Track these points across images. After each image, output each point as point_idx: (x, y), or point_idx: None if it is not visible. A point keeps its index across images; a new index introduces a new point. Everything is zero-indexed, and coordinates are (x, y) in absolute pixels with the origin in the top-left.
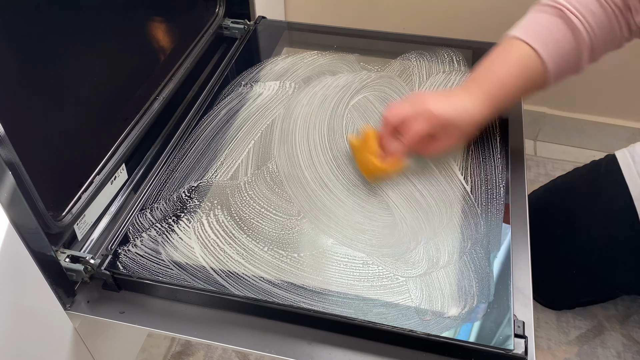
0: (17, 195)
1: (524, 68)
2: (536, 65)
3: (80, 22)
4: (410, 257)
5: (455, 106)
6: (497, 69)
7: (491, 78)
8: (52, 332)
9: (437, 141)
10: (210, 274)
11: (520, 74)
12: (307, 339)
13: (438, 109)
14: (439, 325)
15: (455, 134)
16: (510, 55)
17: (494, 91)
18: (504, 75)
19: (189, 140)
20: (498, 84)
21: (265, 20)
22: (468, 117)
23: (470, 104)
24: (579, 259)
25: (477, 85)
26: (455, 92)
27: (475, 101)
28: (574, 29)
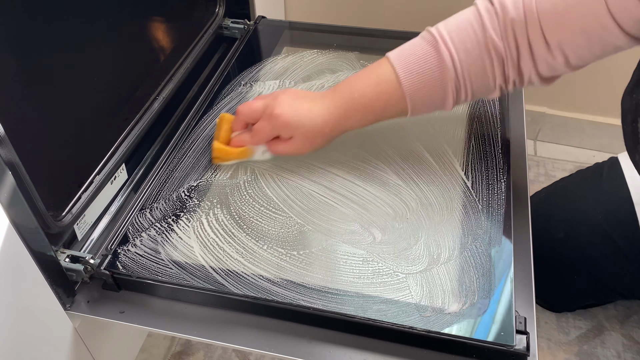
0: (17, 195)
1: (381, 91)
2: (394, 91)
3: (80, 22)
4: (410, 253)
5: (299, 110)
6: (355, 85)
7: (345, 92)
8: (52, 332)
9: (281, 142)
10: (209, 273)
11: (375, 96)
12: (307, 337)
13: (281, 111)
14: (439, 322)
15: (296, 137)
16: (372, 75)
17: (343, 105)
18: (359, 93)
19: (188, 140)
20: (350, 100)
21: (265, 19)
22: (309, 123)
23: (316, 111)
24: (580, 264)
25: (331, 95)
26: (311, 96)
27: (323, 109)
28: (442, 63)
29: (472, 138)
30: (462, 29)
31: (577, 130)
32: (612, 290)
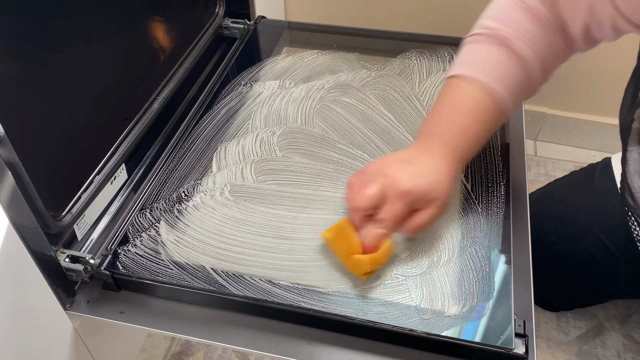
0: (17, 195)
1: (484, 111)
2: (494, 105)
3: (80, 22)
4: (410, 255)
5: (426, 173)
6: (456, 116)
7: (452, 128)
8: (52, 332)
9: (417, 214)
10: (210, 273)
11: (483, 118)
12: (307, 338)
13: (409, 183)
14: (439, 324)
15: (435, 202)
16: (465, 100)
17: (457, 143)
18: (465, 122)
19: (188, 140)
20: (459, 134)
21: (265, 19)
22: (442, 181)
23: (440, 165)
24: (573, 266)
25: (437, 140)
26: (417, 154)
27: (444, 160)
28: (521, 56)
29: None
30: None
31: (577, 130)
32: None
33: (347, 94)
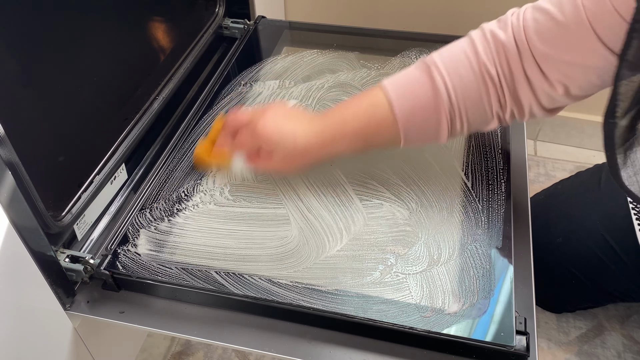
0: (17, 195)
1: (371, 115)
2: (385, 116)
3: (80, 22)
4: (410, 253)
5: (283, 129)
6: (347, 109)
7: (336, 116)
8: (52, 332)
9: (262, 158)
10: (209, 273)
11: (366, 120)
12: (307, 337)
13: (263, 126)
14: (439, 322)
15: (278, 156)
16: (365, 100)
17: (332, 128)
18: (349, 117)
19: (188, 140)
20: (340, 124)
21: (265, 19)
22: (291, 143)
23: (301, 132)
24: (578, 269)
25: (322, 118)
26: (300, 117)
27: (309, 131)
28: (435, 87)
29: (472, 138)
30: (455, 55)
31: (577, 130)
32: (610, 294)
33: (347, 94)
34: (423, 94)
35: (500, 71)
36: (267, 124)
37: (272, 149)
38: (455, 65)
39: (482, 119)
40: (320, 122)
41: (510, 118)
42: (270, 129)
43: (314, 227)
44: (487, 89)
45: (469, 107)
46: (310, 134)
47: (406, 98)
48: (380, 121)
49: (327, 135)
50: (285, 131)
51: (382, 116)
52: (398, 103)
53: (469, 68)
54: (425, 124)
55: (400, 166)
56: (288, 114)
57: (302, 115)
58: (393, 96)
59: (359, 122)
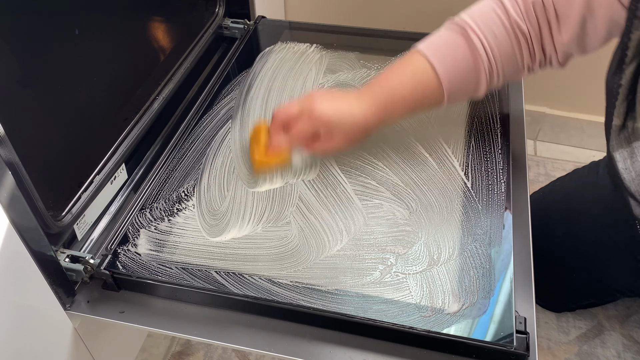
0: (17, 195)
1: (418, 82)
2: (430, 81)
3: (80, 22)
4: (410, 253)
5: (340, 108)
6: (392, 79)
7: (383, 86)
8: (52, 332)
9: (320, 140)
10: (209, 272)
11: (413, 87)
12: (307, 337)
13: (321, 109)
14: (439, 322)
15: (338, 135)
16: (407, 68)
17: (383, 99)
18: (396, 85)
19: (188, 140)
20: (388, 94)
21: (265, 19)
22: (350, 121)
23: (357, 108)
24: (579, 262)
25: (369, 92)
26: (347, 95)
27: (363, 106)
28: (474, 49)
29: (472, 138)
30: (486, 15)
31: (577, 130)
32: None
33: None
34: (463, 56)
35: (530, 27)
36: (323, 107)
37: (332, 130)
38: (488, 25)
39: (514, 70)
40: (369, 95)
41: (538, 67)
42: (328, 111)
43: (314, 227)
44: (520, 44)
45: (505, 61)
46: (364, 108)
47: (447, 62)
48: (427, 87)
49: (380, 106)
50: (342, 110)
51: (427, 82)
52: (440, 67)
53: (501, 26)
54: (467, 82)
55: (399, 166)
56: (336, 95)
57: (348, 94)
58: (434, 61)
59: (407, 89)
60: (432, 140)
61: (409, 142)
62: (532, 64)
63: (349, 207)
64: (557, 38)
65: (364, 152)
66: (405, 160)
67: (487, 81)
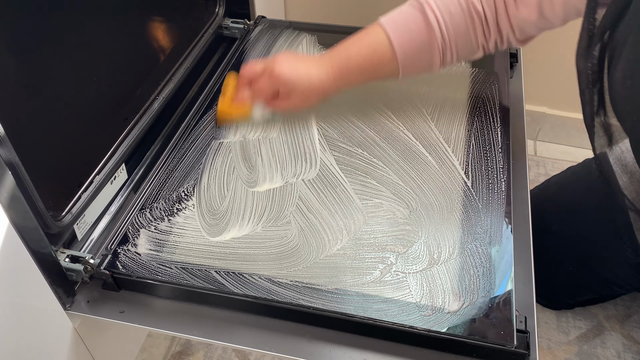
0: (17, 195)
1: (374, 52)
2: (385, 51)
3: (80, 22)
4: (410, 252)
5: (298, 70)
6: (350, 47)
7: (342, 54)
8: (52, 332)
9: (280, 99)
10: (209, 272)
11: (369, 55)
12: (307, 336)
13: (280, 69)
14: (439, 321)
15: (295, 95)
16: (366, 38)
17: (339, 65)
18: (353, 53)
19: (188, 140)
20: (345, 60)
21: (265, 19)
22: (306, 82)
23: (314, 71)
24: (576, 255)
25: (328, 57)
26: (308, 58)
27: (320, 69)
28: (429, 25)
29: (472, 137)
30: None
31: (577, 130)
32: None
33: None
34: (418, 31)
35: (486, 6)
36: (282, 67)
37: (290, 89)
38: (445, 3)
39: (469, 49)
40: (328, 60)
41: (493, 47)
42: (287, 71)
43: (314, 226)
44: (474, 23)
45: (459, 40)
46: (321, 72)
47: (403, 35)
48: (382, 57)
49: (336, 71)
50: (300, 72)
51: (382, 52)
52: (396, 39)
53: (457, 5)
54: (421, 57)
55: (400, 165)
56: (298, 58)
57: (310, 57)
58: (391, 33)
59: (363, 58)
60: (433, 140)
61: (409, 142)
62: (487, 43)
63: (349, 206)
64: (513, 14)
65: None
66: (405, 159)
67: (440, 58)
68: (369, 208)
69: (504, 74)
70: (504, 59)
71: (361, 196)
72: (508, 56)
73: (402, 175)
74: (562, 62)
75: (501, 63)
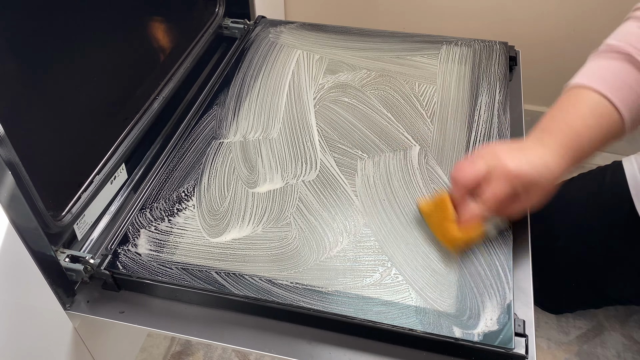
0: (17, 195)
1: (599, 117)
2: (610, 114)
3: (80, 22)
4: (409, 255)
5: (535, 162)
6: (569, 119)
7: (564, 129)
8: (52, 332)
9: (518, 201)
10: (210, 273)
11: (595, 123)
12: (307, 338)
13: (518, 167)
14: (439, 324)
15: (537, 192)
16: (581, 105)
17: (569, 143)
18: (578, 125)
19: (188, 140)
20: (573, 135)
21: (265, 19)
22: (549, 174)
23: (550, 158)
24: (580, 273)
25: (550, 137)
26: (529, 145)
27: (554, 155)
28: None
29: (471, 140)
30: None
31: None
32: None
33: (347, 94)
34: (636, 83)
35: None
36: (517, 163)
37: (530, 187)
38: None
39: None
40: (554, 142)
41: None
42: (525, 166)
43: (314, 228)
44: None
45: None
46: (556, 158)
47: (623, 91)
48: (608, 121)
49: (570, 152)
50: (537, 164)
51: (607, 117)
52: (617, 100)
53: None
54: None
55: (400, 166)
56: (518, 147)
57: (529, 143)
58: (609, 94)
59: (590, 129)
60: (431, 141)
61: (407, 144)
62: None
63: (349, 208)
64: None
65: None
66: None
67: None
68: (369, 210)
69: (504, 77)
70: (503, 61)
71: (361, 197)
72: (507, 59)
73: (401, 177)
74: (562, 62)
75: (501, 66)
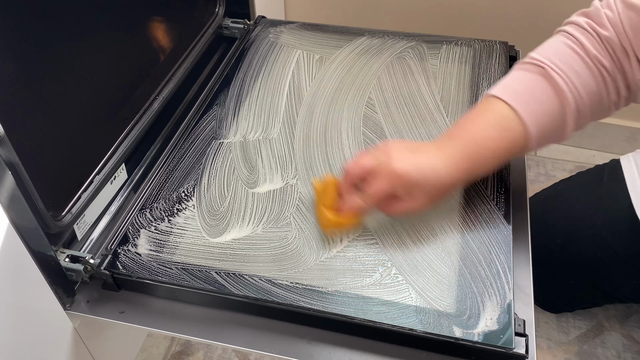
0: (17, 195)
1: (503, 130)
2: (516, 127)
3: (80, 22)
4: (409, 255)
5: (422, 165)
6: (473, 128)
7: (465, 137)
8: (52, 332)
9: (399, 201)
10: (209, 273)
11: (498, 135)
12: (307, 338)
13: (401, 167)
14: (439, 324)
15: (420, 195)
16: (488, 115)
17: (468, 152)
18: (480, 135)
19: (188, 140)
20: (473, 145)
21: (265, 19)
22: (434, 179)
23: (440, 164)
24: (579, 270)
25: (450, 144)
26: (426, 148)
27: (446, 161)
28: (558, 89)
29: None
30: (561, 53)
31: None
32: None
33: (347, 94)
34: (547, 98)
35: (613, 63)
36: (402, 163)
37: (413, 190)
38: (568, 63)
39: (601, 110)
40: (452, 148)
41: (625, 104)
42: (409, 168)
43: (314, 228)
44: (605, 82)
45: (592, 102)
46: (448, 164)
47: (531, 105)
48: (512, 135)
49: (465, 161)
50: (424, 167)
51: (512, 128)
52: (524, 111)
53: (582, 64)
54: (553, 125)
55: None
56: (413, 148)
57: (426, 146)
58: (517, 106)
59: (493, 140)
60: None
61: None
62: (619, 101)
63: None
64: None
65: None
66: None
67: (574, 123)
68: (369, 209)
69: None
70: (503, 61)
71: None
72: (507, 59)
73: None
74: None
75: (501, 66)
